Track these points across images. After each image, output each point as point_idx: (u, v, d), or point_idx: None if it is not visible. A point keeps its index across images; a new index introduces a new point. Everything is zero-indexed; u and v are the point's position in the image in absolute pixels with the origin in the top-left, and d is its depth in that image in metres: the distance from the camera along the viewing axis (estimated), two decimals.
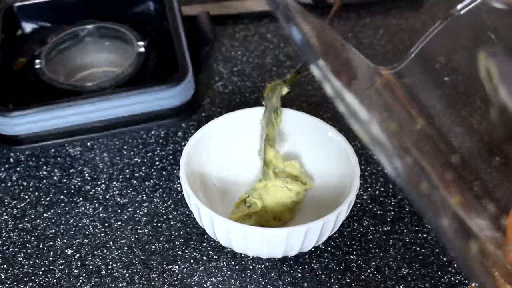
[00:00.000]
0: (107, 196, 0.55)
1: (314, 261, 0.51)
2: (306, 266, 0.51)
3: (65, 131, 0.59)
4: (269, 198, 0.51)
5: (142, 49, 0.62)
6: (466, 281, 0.49)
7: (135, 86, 0.59)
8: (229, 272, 0.50)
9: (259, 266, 0.50)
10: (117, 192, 0.55)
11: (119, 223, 0.53)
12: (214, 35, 0.65)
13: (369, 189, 0.56)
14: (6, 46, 0.64)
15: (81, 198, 0.55)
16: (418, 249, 0.51)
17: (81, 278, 0.50)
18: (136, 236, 0.52)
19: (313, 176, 0.54)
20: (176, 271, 0.50)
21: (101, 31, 0.66)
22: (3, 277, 0.50)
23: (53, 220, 0.53)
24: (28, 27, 0.68)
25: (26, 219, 0.53)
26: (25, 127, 0.58)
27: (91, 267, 0.50)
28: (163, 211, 0.54)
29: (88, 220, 0.53)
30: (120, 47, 0.65)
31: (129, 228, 0.53)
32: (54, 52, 0.64)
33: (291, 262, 0.51)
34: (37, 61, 0.62)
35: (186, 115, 0.60)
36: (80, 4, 0.68)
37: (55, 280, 0.50)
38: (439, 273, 0.50)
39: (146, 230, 0.53)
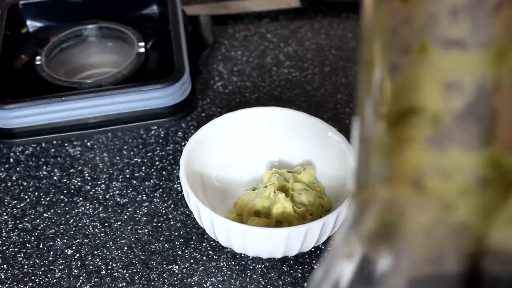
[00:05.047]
0: (107, 196, 0.55)
1: (314, 261, 0.51)
2: (306, 266, 0.51)
3: (60, 126, 0.59)
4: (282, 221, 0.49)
5: (142, 50, 0.62)
6: None
7: (130, 84, 0.59)
8: (229, 272, 0.50)
9: (259, 266, 0.50)
10: (117, 192, 0.55)
11: (119, 223, 0.53)
12: (215, 39, 0.65)
13: None
14: (10, 43, 0.64)
15: (81, 198, 0.55)
16: None
17: (81, 278, 0.50)
18: (136, 236, 0.52)
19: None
20: (176, 271, 0.50)
21: (104, 31, 0.66)
22: (3, 277, 0.50)
23: (53, 220, 0.53)
24: (33, 25, 0.68)
25: (26, 219, 0.53)
26: (20, 120, 0.58)
27: (91, 267, 0.50)
28: (163, 211, 0.54)
29: (88, 220, 0.53)
30: (123, 48, 0.65)
31: (129, 228, 0.53)
32: (56, 51, 0.64)
33: (291, 262, 0.51)
34: (38, 57, 0.62)
35: (181, 115, 0.60)
36: (86, 4, 0.68)
37: (55, 280, 0.50)
38: None
39: (146, 230, 0.53)
